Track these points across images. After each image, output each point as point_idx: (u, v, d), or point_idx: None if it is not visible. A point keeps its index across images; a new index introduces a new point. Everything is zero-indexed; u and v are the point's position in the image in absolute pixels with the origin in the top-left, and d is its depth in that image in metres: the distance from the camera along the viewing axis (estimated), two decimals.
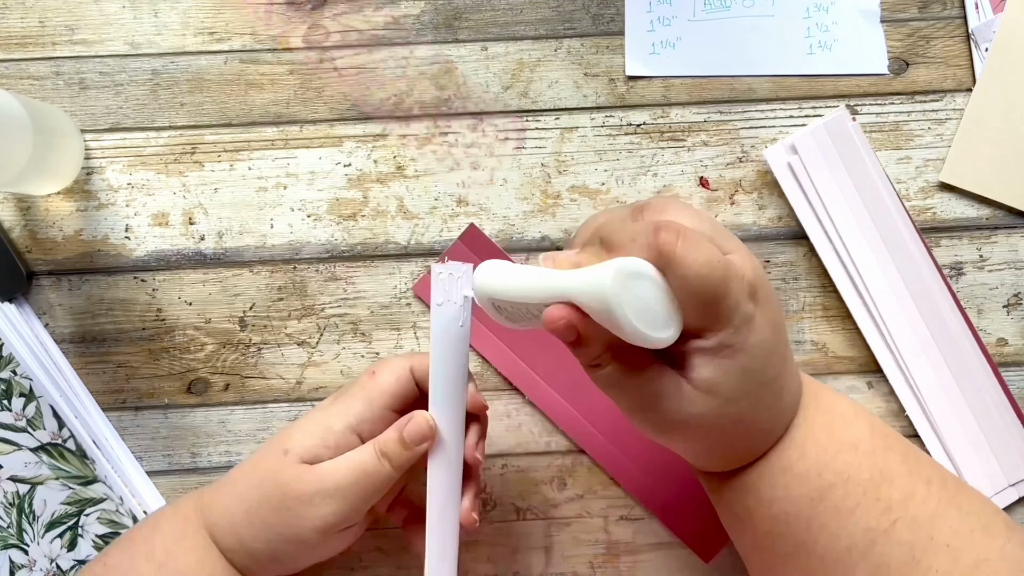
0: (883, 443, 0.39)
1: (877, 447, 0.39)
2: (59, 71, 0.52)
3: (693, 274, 0.34)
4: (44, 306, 0.52)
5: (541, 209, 0.52)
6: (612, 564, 0.52)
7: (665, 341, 0.35)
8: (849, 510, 0.37)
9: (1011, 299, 0.52)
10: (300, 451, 0.42)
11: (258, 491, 0.42)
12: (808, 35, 0.52)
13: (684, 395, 0.36)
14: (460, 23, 0.53)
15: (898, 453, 0.39)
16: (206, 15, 0.53)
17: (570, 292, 0.35)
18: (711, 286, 0.34)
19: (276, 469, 0.42)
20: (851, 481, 0.37)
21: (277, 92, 0.52)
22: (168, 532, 0.43)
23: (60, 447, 0.52)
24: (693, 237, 0.34)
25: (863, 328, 0.51)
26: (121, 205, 0.52)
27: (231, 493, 0.43)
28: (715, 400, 0.36)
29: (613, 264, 0.34)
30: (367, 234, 0.52)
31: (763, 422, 0.38)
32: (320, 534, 0.42)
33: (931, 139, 0.52)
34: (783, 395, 0.38)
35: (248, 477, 0.43)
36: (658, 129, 0.52)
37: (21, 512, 0.52)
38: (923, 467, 0.39)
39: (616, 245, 0.35)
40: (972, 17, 0.52)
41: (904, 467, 0.38)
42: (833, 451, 0.38)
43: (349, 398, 0.43)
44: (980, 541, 0.36)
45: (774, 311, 0.37)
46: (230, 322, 0.52)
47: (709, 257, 0.34)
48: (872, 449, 0.38)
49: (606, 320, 0.34)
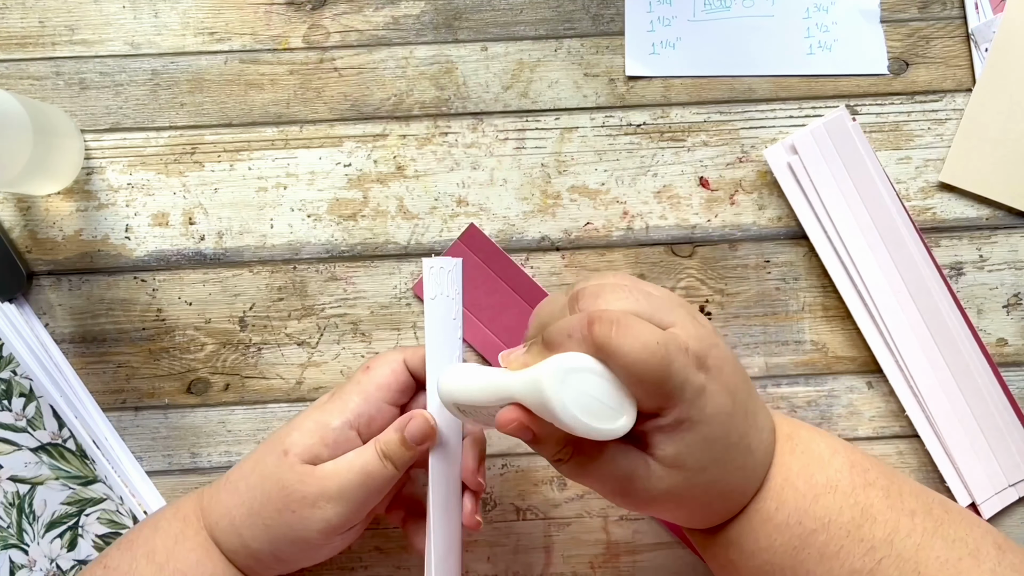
0: (863, 480, 0.39)
1: (856, 485, 0.38)
2: (59, 71, 0.52)
3: (631, 361, 0.34)
4: (44, 306, 0.52)
5: (541, 209, 0.52)
6: (612, 564, 0.52)
7: (617, 431, 0.35)
8: (833, 554, 0.37)
9: (1011, 299, 0.52)
10: (300, 451, 0.42)
11: (260, 492, 0.42)
12: (808, 35, 0.52)
13: (652, 473, 0.36)
14: (460, 23, 0.53)
15: (879, 488, 0.39)
16: (206, 15, 0.53)
17: (514, 393, 0.36)
18: (652, 370, 0.34)
19: (277, 470, 0.42)
20: (832, 525, 0.37)
21: (277, 92, 0.52)
22: (169, 533, 0.43)
23: (60, 447, 0.52)
24: (626, 324, 0.34)
25: (863, 328, 0.51)
26: (121, 205, 0.52)
27: (232, 494, 0.43)
28: (683, 473, 0.36)
29: (549, 364, 0.35)
30: (367, 234, 0.52)
31: (735, 483, 0.38)
32: (323, 536, 0.42)
33: (931, 139, 0.52)
34: (752, 452, 0.38)
35: (248, 478, 0.43)
36: (658, 129, 0.52)
37: (21, 512, 0.52)
38: (905, 498, 0.38)
39: (555, 343, 0.36)
40: (972, 17, 0.52)
41: (886, 502, 0.38)
42: (812, 496, 0.38)
43: (345, 394, 0.43)
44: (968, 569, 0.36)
45: (727, 373, 0.37)
46: (230, 322, 0.52)
47: (645, 341, 0.34)
48: (852, 488, 0.38)
49: (551, 418, 0.35)
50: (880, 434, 0.52)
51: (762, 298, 0.52)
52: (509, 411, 0.36)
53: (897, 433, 0.52)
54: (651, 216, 0.52)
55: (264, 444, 0.44)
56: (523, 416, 0.36)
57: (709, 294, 0.52)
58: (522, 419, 0.36)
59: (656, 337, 0.34)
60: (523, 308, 0.51)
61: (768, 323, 0.52)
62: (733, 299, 0.52)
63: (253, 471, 0.43)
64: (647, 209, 0.52)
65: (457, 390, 0.39)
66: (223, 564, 0.43)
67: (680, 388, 0.35)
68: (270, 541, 0.42)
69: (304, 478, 0.41)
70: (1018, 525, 0.52)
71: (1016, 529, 0.52)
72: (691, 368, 0.35)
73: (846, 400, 0.52)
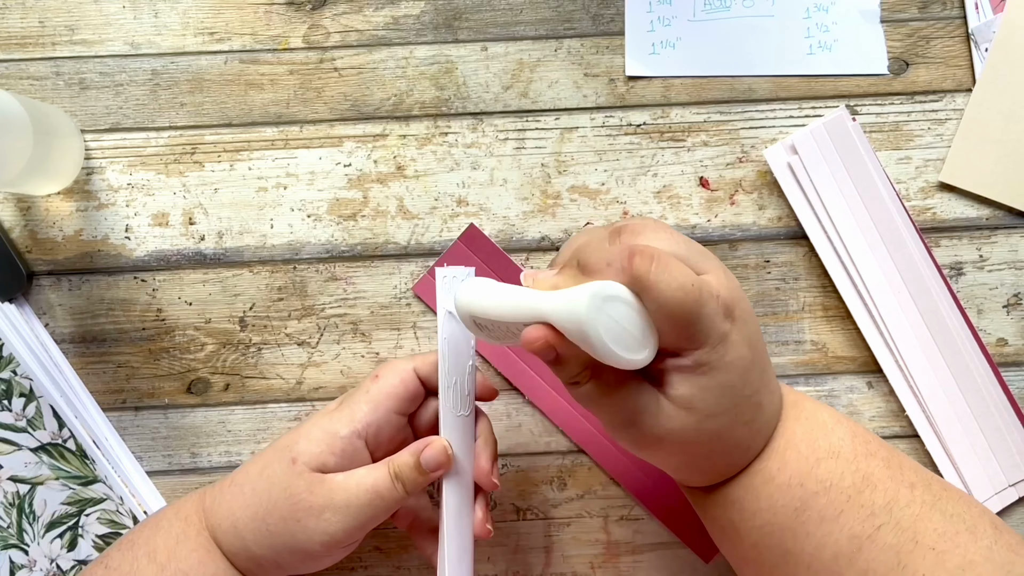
0: (864, 449, 0.39)
1: (859, 453, 0.39)
2: (59, 71, 0.52)
3: (665, 298, 0.34)
4: (44, 306, 0.52)
5: (541, 209, 0.52)
6: (612, 564, 0.52)
7: (639, 363, 0.36)
8: (833, 518, 0.37)
9: (1011, 299, 0.52)
10: (308, 459, 0.42)
11: (265, 497, 0.42)
12: (808, 35, 0.52)
13: (663, 411, 0.37)
14: (460, 23, 0.53)
15: (880, 459, 0.39)
16: (206, 15, 0.53)
17: (547, 313, 0.36)
18: (684, 309, 0.35)
19: (285, 477, 0.42)
20: (834, 488, 0.38)
21: (277, 92, 0.52)
22: (170, 533, 0.43)
23: (60, 447, 0.52)
24: (666, 261, 0.35)
25: (863, 328, 0.51)
26: (121, 205, 0.52)
27: (236, 497, 0.43)
28: (693, 416, 0.36)
29: (588, 288, 0.35)
30: (367, 234, 0.52)
31: (742, 437, 0.38)
32: (325, 548, 0.42)
33: (931, 139, 0.52)
34: (762, 409, 0.39)
35: (254, 482, 0.43)
36: (658, 129, 0.52)
37: (21, 512, 0.52)
38: (906, 471, 0.39)
39: (592, 269, 0.36)
40: (972, 17, 0.52)
41: (887, 472, 0.38)
42: (814, 460, 0.38)
43: (354, 403, 0.43)
44: (966, 543, 0.36)
45: (751, 328, 0.37)
46: (230, 322, 0.52)
47: (682, 281, 0.34)
48: (854, 455, 0.39)
49: (581, 341, 0.35)
50: (880, 434, 0.52)
51: (762, 298, 0.52)
52: (536, 329, 0.36)
53: (897, 433, 0.52)
54: (651, 216, 0.52)
55: (271, 449, 0.44)
56: (550, 335, 0.36)
57: None
58: (549, 338, 0.36)
59: (691, 278, 0.35)
60: None
61: (768, 323, 0.52)
62: None
63: (260, 476, 0.43)
64: (647, 209, 0.52)
65: (479, 304, 0.39)
66: (224, 565, 0.43)
67: (706, 331, 0.35)
68: (272, 547, 0.42)
69: (312, 487, 0.41)
70: (1018, 525, 0.52)
71: (1017, 529, 0.51)
72: (719, 314, 0.36)
73: (846, 400, 0.52)
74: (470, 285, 0.40)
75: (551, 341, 0.36)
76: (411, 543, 0.52)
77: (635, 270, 0.35)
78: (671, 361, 0.36)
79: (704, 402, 0.36)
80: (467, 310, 0.40)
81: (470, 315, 0.40)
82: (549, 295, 0.36)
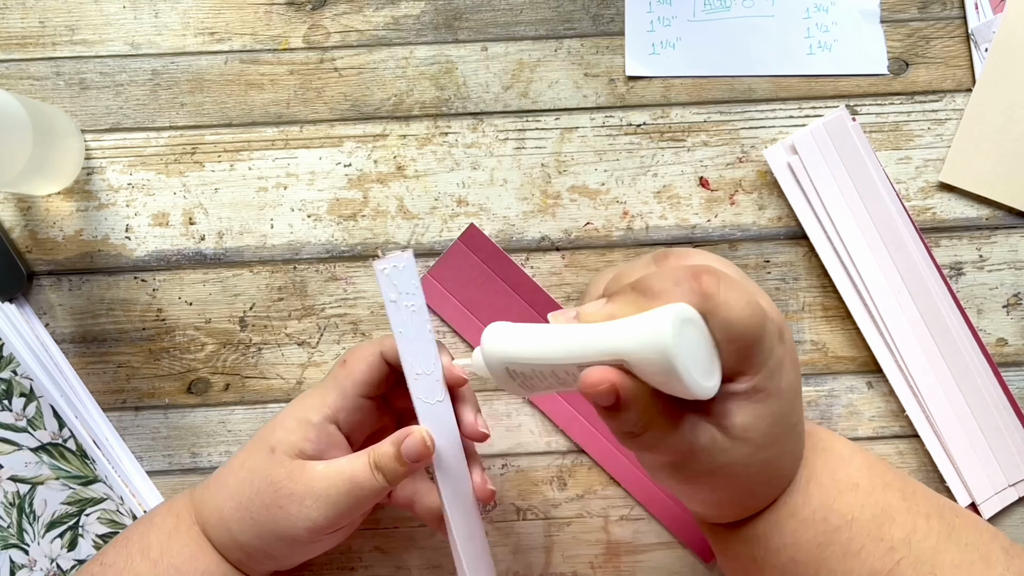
0: (881, 480, 0.39)
1: (876, 485, 0.39)
2: (59, 71, 0.53)
3: (734, 317, 0.33)
4: (44, 306, 0.52)
5: (541, 209, 0.52)
6: (612, 564, 0.52)
7: (713, 390, 0.33)
8: (855, 553, 0.37)
9: (1011, 299, 0.52)
10: (285, 447, 0.42)
11: (248, 487, 0.42)
12: (808, 35, 0.52)
13: (717, 444, 0.35)
14: (460, 23, 0.53)
15: (896, 489, 0.39)
16: (206, 15, 0.53)
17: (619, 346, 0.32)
18: (752, 330, 0.33)
19: (266, 467, 0.42)
20: (855, 523, 0.37)
21: (277, 92, 0.52)
22: (162, 529, 0.44)
23: (60, 447, 0.52)
24: (731, 281, 0.34)
25: (863, 328, 0.51)
26: (121, 205, 0.52)
27: (221, 489, 0.43)
28: (747, 447, 0.35)
29: (668, 312, 0.31)
30: (367, 234, 0.52)
31: (785, 467, 0.38)
32: (310, 534, 0.42)
33: (931, 139, 0.52)
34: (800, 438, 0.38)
35: (237, 473, 0.43)
36: (658, 129, 0.52)
37: (21, 512, 0.52)
38: (920, 501, 0.39)
39: (657, 291, 0.33)
40: (972, 17, 0.52)
41: (904, 503, 0.38)
42: (835, 493, 0.38)
43: (324, 390, 0.44)
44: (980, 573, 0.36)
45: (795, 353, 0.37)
46: (230, 322, 0.52)
47: (749, 300, 0.33)
48: (871, 488, 0.38)
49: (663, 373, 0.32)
50: (880, 434, 0.52)
51: None
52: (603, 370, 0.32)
53: (897, 433, 0.52)
54: (651, 216, 0.52)
55: (251, 442, 0.44)
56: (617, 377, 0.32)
57: None
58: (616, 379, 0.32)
59: (756, 299, 0.34)
60: (524, 308, 0.51)
61: None
62: None
63: (241, 467, 0.43)
64: (647, 209, 0.52)
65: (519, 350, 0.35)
66: (216, 559, 0.43)
67: (767, 354, 0.34)
68: (259, 536, 0.42)
69: (293, 475, 0.41)
70: (1018, 525, 0.52)
71: (1016, 529, 0.52)
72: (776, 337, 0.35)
73: (846, 400, 0.52)
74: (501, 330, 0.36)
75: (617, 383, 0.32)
76: (411, 543, 0.52)
77: (704, 288, 0.33)
78: (727, 387, 0.34)
79: (759, 431, 0.35)
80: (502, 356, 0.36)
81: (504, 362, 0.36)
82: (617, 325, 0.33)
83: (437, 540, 0.52)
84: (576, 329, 0.34)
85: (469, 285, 0.52)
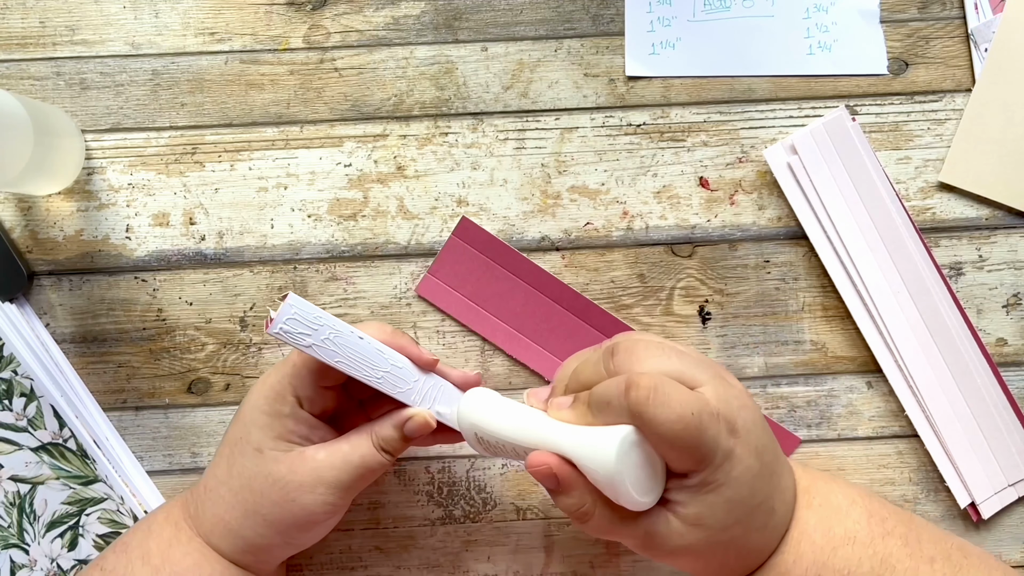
0: (881, 529, 0.39)
1: (875, 535, 0.39)
2: (60, 71, 0.53)
3: (664, 430, 0.35)
4: (45, 306, 0.52)
5: (541, 209, 0.52)
6: (612, 564, 0.52)
7: (650, 504, 0.37)
8: None
9: (1010, 299, 0.52)
10: (271, 444, 0.42)
11: (249, 492, 0.42)
12: (808, 35, 0.52)
13: (673, 529, 0.37)
14: (460, 23, 0.53)
15: (898, 536, 0.39)
16: (206, 15, 0.53)
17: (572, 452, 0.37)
18: (685, 438, 0.35)
19: (261, 468, 0.42)
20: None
21: (277, 92, 0.52)
22: (162, 536, 0.44)
23: (61, 447, 0.52)
24: (662, 391, 0.35)
25: (862, 328, 0.51)
26: (122, 205, 0.52)
27: (217, 502, 0.43)
28: (704, 531, 0.37)
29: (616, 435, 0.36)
30: (367, 234, 0.52)
31: (756, 542, 0.38)
32: (328, 516, 0.43)
33: (930, 139, 0.52)
34: (774, 512, 0.39)
35: (229, 483, 0.43)
36: (658, 129, 0.52)
37: (22, 512, 0.52)
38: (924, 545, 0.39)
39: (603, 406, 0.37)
40: (972, 17, 0.52)
41: (905, 550, 0.38)
42: (830, 549, 0.38)
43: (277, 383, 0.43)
44: None
45: (756, 436, 0.37)
46: (231, 322, 0.52)
47: (680, 411, 0.35)
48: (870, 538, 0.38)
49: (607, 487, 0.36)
50: (879, 434, 0.52)
51: (762, 298, 0.52)
52: (543, 455, 0.37)
53: (896, 433, 0.52)
54: (651, 216, 0.52)
55: (226, 448, 0.44)
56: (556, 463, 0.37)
57: (709, 294, 0.52)
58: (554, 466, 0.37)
59: (690, 405, 0.35)
60: (527, 291, 0.51)
61: (768, 323, 0.52)
62: (733, 299, 0.52)
63: (231, 475, 0.43)
64: (647, 209, 0.52)
65: (489, 423, 0.40)
66: (222, 566, 0.43)
67: (710, 452, 0.36)
68: (278, 532, 0.42)
69: (294, 467, 0.42)
70: (1018, 525, 0.52)
71: (1016, 529, 0.52)
72: (723, 433, 0.36)
73: (845, 400, 0.52)
74: (479, 397, 0.41)
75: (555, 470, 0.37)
76: (411, 543, 0.52)
77: (632, 405, 0.35)
78: (676, 481, 0.37)
79: (713, 518, 0.37)
80: (475, 423, 0.41)
81: (474, 428, 0.41)
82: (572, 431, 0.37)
83: (436, 540, 0.52)
84: (541, 422, 0.39)
85: (470, 277, 0.52)
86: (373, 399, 0.46)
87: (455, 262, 0.52)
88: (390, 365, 0.42)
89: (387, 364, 0.42)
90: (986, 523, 0.51)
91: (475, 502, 0.52)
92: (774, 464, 0.39)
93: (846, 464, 0.52)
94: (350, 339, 0.41)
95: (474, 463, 0.52)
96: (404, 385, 0.43)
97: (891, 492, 0.52)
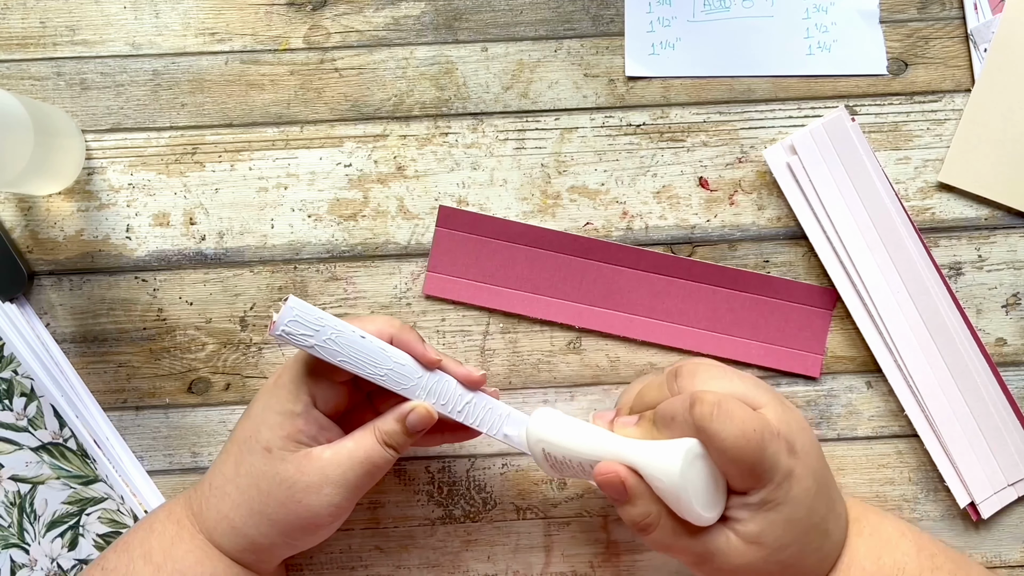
0: (930, 563, 0.40)
1: (924, 568, 0.39)
2: (60, 71, 0.53)
3: (728, 446, 0.36)
4: (45, 306, 0.52)
5: (541, 209, 0.52)
6: (612, 563, 0.52)
7: (712, 519, 0.38)
8: None
9: (1010, 299, 0.52)
10: (280, 444, 0.42)
11: (256, 491, 0.42)
12: (807, 36, 0.52)
13: (733, 548, 0.38)
14: (460, 24, 0.53)
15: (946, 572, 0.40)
16: (207, 16, 0.53)
17: (636, 461, 0.38)
18: (748, 454, 0.36)
19: (268, 467, 0.42)
20: None
21: (278, 92, 0.53)
22: (164, 535, 0.44)
23: (61, 446, 0.52)
24: (726, 407, 0.36)
25: (862, 328, 0.51)
26: (122, 205, 0.52)
27: (223, 500, 0.43)
28: (762, 550, 0.38)
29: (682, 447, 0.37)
30: (367, 234, 0.52)
31: (810, 564, 0.39)
32: (333, 517, 0.43)
33: (930, 139, 0.52)
34: (829, 535, 0.40)
35: (236, 481, 0.43)
36: (658, 129, 0.52)
37: (22, 511, 0.52)
38: None
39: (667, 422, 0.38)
40: (971, 18, 0.52)
41: None
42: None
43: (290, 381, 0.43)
44: None
45: (813, 458, 0.39)
46: (231, 322, 0.52)
47: (743, 428, 0.36)
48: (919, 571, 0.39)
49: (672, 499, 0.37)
50: (879, 434, 0.52)
51: None
52: (611, 464, 0.38)
53: (896, 433, 0.52)
54: (651, 216, 0.52)
55: (232, 447, 0.44)
56: (624, 472, 0.38)
57: None
58: (622, 474, 0.38)
59: (753, 423, 0.36)
60: (528, 253, 0.51)
61: None
62: None
63: (239, 474, 0.43)
64: (647, 209, 0.52)
65: (559, 440, 0.41)
66: (224, 564, 0.43)
67: (771, 471, 0.37)
68: (281, 533, 0.43)
69: (301, 467, 0.42)
70: (1017, 525, 0.52)
71: (1016, 529, 0.52)
72: (783, 452, 0.37)
73: (845, 400, 0.52)
74: (548, 417, 0.42)
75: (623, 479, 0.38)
76: (411, 543, 0.52)
77: (696, 420, 0.37)
78: (738, 499, 0.38)
79: (772, 536, 0.38)
80: (544, 440, 0.42)
81: (543, 445, 0.42)
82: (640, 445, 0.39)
83: (436, 540, 0.52)
84: (608, 437, 0.40)
85: (468, 260, 0.52)
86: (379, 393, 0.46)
87: (449, 251, 0.52)
88: (393, 363, 0.42)
89: (390, 362, 0.42)
90: (985, 523, 0.52)
91: (475, 502, 0.52)
92: (829, 489, 0.40)
93: (846, 464, 0.52)
94: (352, 338, 0.42)
95: (474, 463, 0.52)
96: (408, 382, 0.43)
97: (891, 492, 0.52)
